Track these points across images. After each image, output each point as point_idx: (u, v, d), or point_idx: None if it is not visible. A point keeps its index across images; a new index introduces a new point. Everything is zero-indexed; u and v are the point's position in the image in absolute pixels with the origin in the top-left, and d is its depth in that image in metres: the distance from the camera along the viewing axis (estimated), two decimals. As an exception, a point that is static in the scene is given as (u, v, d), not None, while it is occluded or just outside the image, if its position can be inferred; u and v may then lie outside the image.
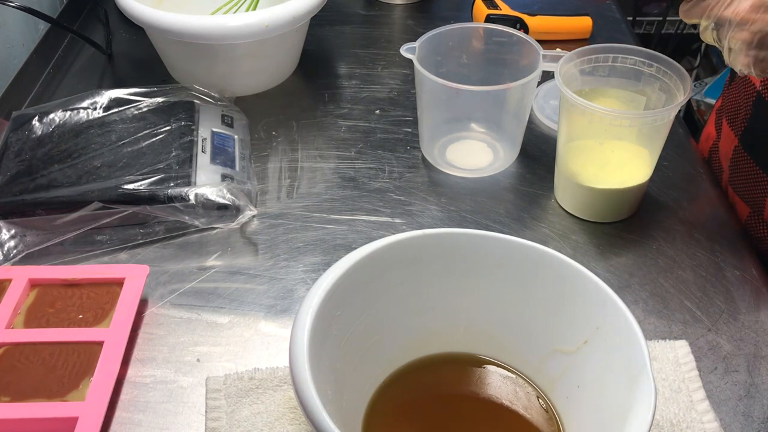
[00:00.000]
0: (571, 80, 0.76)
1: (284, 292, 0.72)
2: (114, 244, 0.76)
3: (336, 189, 0.84)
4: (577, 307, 0.56)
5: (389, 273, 0.58)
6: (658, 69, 0.75)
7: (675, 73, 0.73)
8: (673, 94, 0.74)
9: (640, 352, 0.50)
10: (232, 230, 0.78)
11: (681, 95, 0.71)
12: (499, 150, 0.88)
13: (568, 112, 0.75)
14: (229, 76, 0.95)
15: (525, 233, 0.78)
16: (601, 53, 0.76)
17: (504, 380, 0.61)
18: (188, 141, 0.82)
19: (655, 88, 0.76)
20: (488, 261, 0.58)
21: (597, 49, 0.76)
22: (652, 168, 0.77)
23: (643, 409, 0.47)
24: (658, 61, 0.75)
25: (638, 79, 0.76)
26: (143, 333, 0.68)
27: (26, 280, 0.69)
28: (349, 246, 0.76)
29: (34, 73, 1.02)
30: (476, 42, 0.89)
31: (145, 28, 0.91)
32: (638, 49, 0.76)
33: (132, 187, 0.76)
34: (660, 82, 0.75)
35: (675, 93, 0.73)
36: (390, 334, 0.60)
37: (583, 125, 0.75)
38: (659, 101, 0.75)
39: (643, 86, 0.77)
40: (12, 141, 0.82)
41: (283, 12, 0.88)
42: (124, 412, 0.62)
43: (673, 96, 0.73)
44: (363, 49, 1.09)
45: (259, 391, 0.62)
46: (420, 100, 0.85)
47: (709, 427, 0.60)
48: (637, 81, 0.77)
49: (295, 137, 0.92)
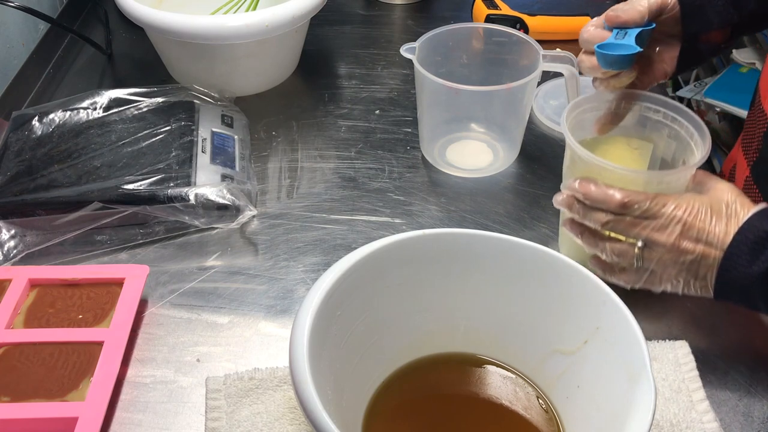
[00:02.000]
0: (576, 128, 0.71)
1: (284, 292, 0.72)
2: (114, 244, 0.76)
3: (336, 189, 0.84)
4: (577, 307, 0.56)
5: (389, 273, 0.58)
6: (665, 115, 0.70)
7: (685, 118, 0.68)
8: (684, 141, 0.68)
9: (639, 352, 0.50)
10: (232, 230, 0.78)
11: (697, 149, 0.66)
12: (499, 150, 0.88)
13: (572, 162, 0.70)
14: (229, 76, 0.95)
15: (525, 233, 0.78)
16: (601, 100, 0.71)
17: (504, 380, 0.61)
18: (188, 141, 0.82)
19: (663, 135, 0.70)
20: (488, 261, 0.58)
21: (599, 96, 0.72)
22: None
23: (643, 409, 0.47)
24: (665, 106, 0.70)
25: (643, 124, 0.72)
26: (143, 333, 0.68)
27: (26, 280, 0.69)
28: (349, 246, 0.76)
29: (34, 73, 1.02)
30: (476, 42, 0.89)
31: (145, 28, 0.91)
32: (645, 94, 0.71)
33: (132, 187, 0.76)
34: (669, 129, 0.70)
35: (687, 141, 0.68)
36: (390, 334, 0.60)
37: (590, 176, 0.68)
38: (668, 149, 0.70)
39: (649, 133, 0.72)
40: (12, 141, 0.82)
41: (283, 12, 0.88)
42: (124, 412, 0.62)
43: (684, 143, 0.68)
44: (363, 49, 1.09)
45: (259, 391, 0.62)
46: (420, 100, 0.85)
47: (709, 427, 0.60)
48: (642, 127, 0.72)
49: (295, 137, 0.92)
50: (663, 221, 0.61)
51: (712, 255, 0.60)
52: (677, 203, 0.61)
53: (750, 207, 0.61)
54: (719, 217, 0.60)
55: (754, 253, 0.58)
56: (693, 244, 0.61)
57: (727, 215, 0.60)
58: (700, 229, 0.60)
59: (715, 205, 0.61)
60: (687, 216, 0.61)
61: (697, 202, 0.62)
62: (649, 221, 0.61)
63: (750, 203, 0.61)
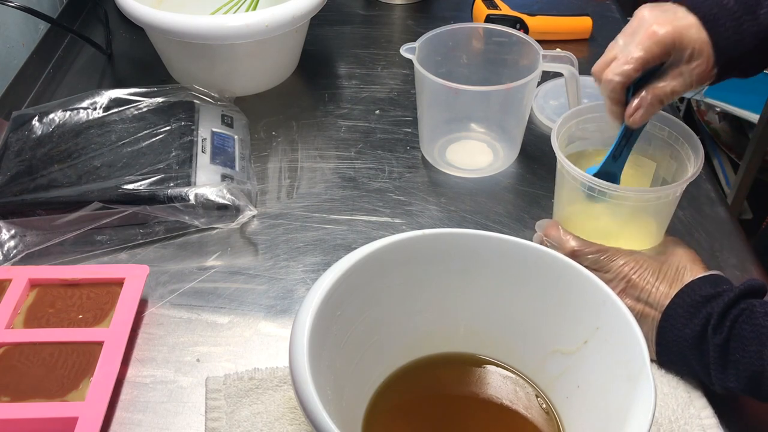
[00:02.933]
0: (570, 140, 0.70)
1: (284, 292, 0.72)
2: (114, 244, 0.76)
3: (336, 189, 0.84)
4: (577, 307, 0.56)
5: (389, 273, 0.58)
6: (669, 134, 0.69)
7: (687, 140, 0.68)
8: (683, 164, 0.68)
9: (639, 352, 0.50)
10: (232, 230, 0.78)
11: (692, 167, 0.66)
12: (499, 150, 0.88)
13: (561, 176, 0.70)
14: (229, 76, 0.95)
15: (525, 233, 0.78)
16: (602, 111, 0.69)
17: (504, 380, 0.61)
18: (188, 141, 0.82)
19: (666, 155, 0.70)
20: (488, 261, 0.58)
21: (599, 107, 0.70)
22: (660, 236, 0.71)
23: (643, 409, 0.47)
24: (670, 125, 0.69)
25: (649, 142, 0.71)
26: (143, 333, 0.68)
27: (26, 280, 0.69)
28: (349, 246, 0.76)
29: (34, 73, 1.02)
30: (476, 42, 0.89)
31: (145, 28, 0.91)
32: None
33: (132, 187, 0.76)
34: (671, 149, 0.69)
35: (686, 164, 0.67)
36: (390, 334, 0.60)
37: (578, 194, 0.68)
38: (669, 170, 0.70)
39: (653, 152, 0.71)
40: (12, 141, 0.82)
41: (283, 12, 0.88)
42: (124, 412, 0.62)
43: (683, 166, 0.67)
44: (363, 49, 1.09)
45: (259, 391, 0.62)
46: (420, 100, 0.85)
47: (707, 423, 0.60)
48: (648, 144, 0.71)
49: (295, 137, 0.92)
50: (609, 275, 0.64)
51: (651, 315, 0.62)
52: (626, 260, 0.64)
53: (698, 273, 0.62)
54: (664, 280, 0.62)
55: (689, 315, 0.59)
56: (633, 302, 0.63)
57: (674, 279, 0.62)
58: (642, 289, 0.62)
59: (664, 268, 0.63)
60: (632, 274, 0.63)
61: (646, 263, 0.64)
62: (598, 273, 0.63)
63: (701, 270, 0.63)
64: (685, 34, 0.62)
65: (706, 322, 0.58)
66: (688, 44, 0.62)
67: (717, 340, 0.57)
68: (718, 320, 0.57)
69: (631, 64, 0.62)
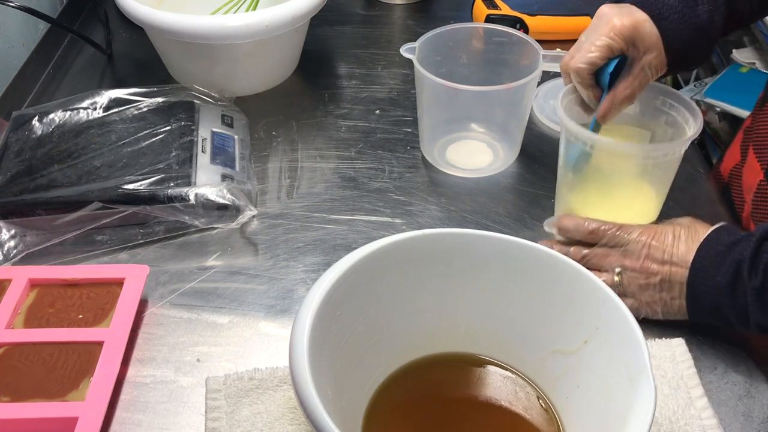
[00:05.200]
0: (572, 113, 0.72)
1: (284, 292, 0.72)
2: (114, 244, 0.76)
3: (336, 189, 0.84)
4: (577, 307, 0.56)
5: (389, 273, 0.58)
6: (663, 102, 0.71)
7: (683, 105, 0.69)
8: (681, 128, 0.69)
9: (639, 352, 0.50)
10: (232, 230, 0.78)
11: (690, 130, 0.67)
12: (499, 150, 0.88)
13: (567, 142, 0.71)
14: (229, 76, 0.95)
15: (525, 233, 0.78)
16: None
17: (504, 380, 0.61)
18: (188, 141, 0.82)
19: (661, 122, 0.71)
20: (488, 261, 0.58)
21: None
22: (659, 209, 0.73)
23: (643, 409, 0.47)
24: (665, 94, 0.71)
25: (642, 113, 0.72)
26: (143, 333, 0.68)
27: (26, 280, 0.69)
28: (349, 246, 0.76)
29: (34, 73, 1.02)
30: (476, 42, 0.89)
31: (145, 28, 0.91)
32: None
33: (132, 187, 0.76)
34: (666, 116, 0.71)
35: (683, 127, 0.69)
36: (390, 334, 0.60)
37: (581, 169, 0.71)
38: (665, 135, 0.71)
39: (647, 120, 0.73)
40: (12, 141, 0.82)
41: (283, 12, 0.88)
42: (124, 412, 0.62)
43: (681, 130, 0.69)
44: (363, 49, 1.09)
45: (259, 391, 0.62)
46: (420, 100, 0.85)
47: (708, 424, 0.60)
48: (641, 115, 0.73)
49: (295, 137, 0.92)
50: (630, 247, 0.66)
51: (680, 273, 0.64)
52: (642, 230, 0.67)
53: (709, 228, 0.65)
54: (682, 238, 0.65)
55: (716, 265, 0.62)
56: (659, 265, 0.65)
57: (688, 236, 0.65)
58: (664, 251, 0.65)
59: (677, 230, 0.66)
60: (652, 240, 0.66)
61: (661, 228, 0.67)
62: (619, 249, 0.67)
63: (709, 226, 0.65)
64: (641, 27, 0.67)
65: (737, 267, 0.60)
66: (645, 36, 0.67)
67: (755, 283, 0.59)
68: (751, 264, 0.59)
69: (595, 52, 0.68)
